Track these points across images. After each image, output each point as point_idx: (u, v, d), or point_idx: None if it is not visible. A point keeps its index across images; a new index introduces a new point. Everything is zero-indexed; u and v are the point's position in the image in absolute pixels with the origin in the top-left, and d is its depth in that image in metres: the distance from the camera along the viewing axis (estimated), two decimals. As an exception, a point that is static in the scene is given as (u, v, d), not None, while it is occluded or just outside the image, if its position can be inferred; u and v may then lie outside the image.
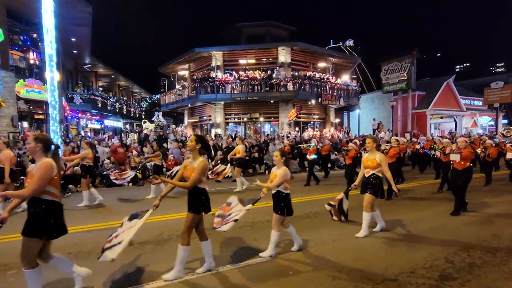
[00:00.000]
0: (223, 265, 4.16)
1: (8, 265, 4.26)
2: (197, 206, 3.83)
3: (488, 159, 10.16)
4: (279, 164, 4.53)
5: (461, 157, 6.57)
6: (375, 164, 5.25)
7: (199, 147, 3.91)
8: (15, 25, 15.60)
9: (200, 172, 3.76)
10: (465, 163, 6.55)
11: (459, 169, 6.61)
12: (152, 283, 3.69)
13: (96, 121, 27.72)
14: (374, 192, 5.25)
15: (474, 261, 4.21)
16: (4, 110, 13.39)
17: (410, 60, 22.23)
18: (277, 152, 4.62)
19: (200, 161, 3.82)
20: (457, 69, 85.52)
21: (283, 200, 4.44)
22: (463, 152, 6.60)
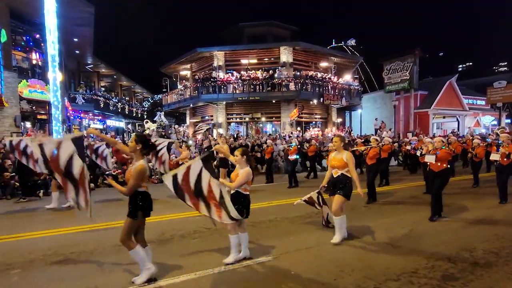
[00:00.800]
0: (225, 265, 4.16)
1: (11, 265, 4.28)
2: (134, 210, 3.59)
3: (476, 159, 9.81)
4: (241, 164, 4.31)
5: (437, 158, 6.16)
6: (342, 164, 4.93)
7: (139, 148, 3.63)
8: (17, 25, 15.67)
9: (136, 178, 3.50)
10: (442, 165, 6.14)
11: (435, 170, 6.23)
12: (154, 282, 3.70)
13: (99, 121, 27.79)
14: (344, 194, 4.92)
15: (477, 261, 4.20)
16: (7, 110, 13.44)
17: (413, 59, 22.15)
18: (238, 152, 4.39)
19: (137, 165, 3.55)
20: (460, 69, 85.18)
21: (242, 202, 4.19)
22: (440, 152, 6.22)
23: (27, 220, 6.81)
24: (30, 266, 4.25)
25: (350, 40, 39.69)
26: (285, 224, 6.22)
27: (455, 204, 7.51)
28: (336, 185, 5.00)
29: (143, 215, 3.66)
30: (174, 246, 5.02)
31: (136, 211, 3.59)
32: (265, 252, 4.59)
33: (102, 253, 4.72)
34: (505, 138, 7.59)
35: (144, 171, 3.58)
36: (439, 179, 6.19)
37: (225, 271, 3.99)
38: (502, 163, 7.38)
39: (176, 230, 5.69)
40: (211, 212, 3.80)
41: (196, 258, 4.38)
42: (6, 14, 14.07)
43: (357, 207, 7.49)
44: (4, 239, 5.42)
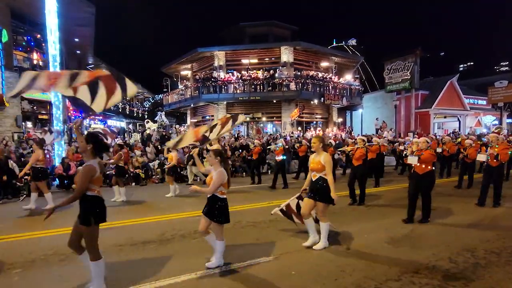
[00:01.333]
0: (225, 264, 4.16)
1: (12, 264, 4.29)
2: (85, 216, 3.30)
3: (467, 160, 9.38)
4: (215, 165, 4.08)
5: (420, 160, 5.80)
6: (320, 166, 4.65)
7: (90, 148, 3.39)
8: (19, 25, 15.70)
9: (84, 179, 3.24)
10: (427, 167, 5.81)
11: (420, 173, 5.88)
12: (154, 282, 3.70)
13: (99, 121, 27.82)
14: (324, 199, 4.65)
15: (478, 261, 4.19)
16: (8, 110, 13.47)
17: (414, 59, 22.12)
18: (211, 152, 4.14)
19: (84, 166, 3.34)
20: (461, 68, 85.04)
21: (219, 207, 4.00)
22: (424, 154, 5.81)
23: (28, 220, 6.82)
24: (31, 266, 4.25)
25: (351, 40, 39.79)
26: (285, 224, 6.20)
27: (455, 204, 7.50)
28: (315, 190, 4.73)
29: (96, 221, 3.34)
30: (174, 246, 5.02)
31: (88, 217, 3.28)
32: (266, 252, 4.59)
33: (103, 253, 4.67)
34: (494, 138, 7.31)
35: (91, 172, 3.31)
36: (425, 182, 5.90)
37: (226, 271, 3.99)
38: (491, 164, 7.10)
39: (177, 230, 5.69)
40: None
41: (197, 258, 4.37)
42: (7, 14, 14.10)
43: (358, 207, 7.49)
44: (4, 238, 5.43)
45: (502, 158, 6.88)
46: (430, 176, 5.90)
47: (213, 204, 4.02)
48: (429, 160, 5.83)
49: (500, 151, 6.93)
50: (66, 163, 10.60)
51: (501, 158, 6.88)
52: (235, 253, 4.60)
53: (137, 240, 5.24)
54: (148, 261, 4.39)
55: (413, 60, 22.12)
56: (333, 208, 7.20)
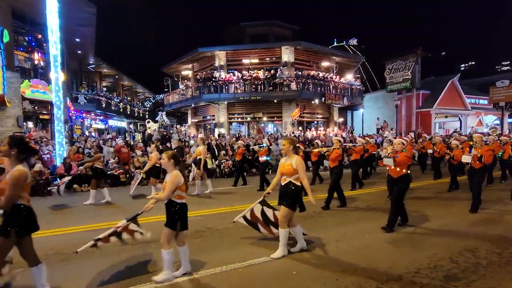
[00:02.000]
0: (227, 264, 4.16)
1: (13, 264, 4.28)
2: (5, 227, 3.04)
3: (453, 162, 8.86)
4: (169, 168, 3.83)
5: (395, 162, 5.46)
6: (291, 170, 4.35)
7: (14, 153, 3.07)
8: (20, 26, 15.71)
9: (11, 187, 2.95)
10: (401, 170, 5.46)
11: (394, 176, 5.56)
12: (157, 281, 3.70)
13: (100, 121, 27.85)
14: (289, 204, 4.35)
15: (480, 261, 4.18)
16: (9, 111, 13.48)
17: (415, 59, 22.08)
18: (165, 155, 3.90)
19: (13, 171, 3.00)
20: (462, 68, 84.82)
21: (174, 211, 3.77)
22: (399, 156, 5.47)
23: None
24: (32, 266, 4.25)
25: (352, 39, 39.78)
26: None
27: (457, 204, 7.49)
28: (283, 195, 4.45)
29: (17, 233, 3.06)
30: (176, 245, 5.01)
31: (8, 228, 3.02)
32: (267, 251, 4.59)
33: (104, 252, 4.72)
34: (478, 139, 6.90)
35: (20, 177, 3.00)
36: (398, 186, 5.51)
37: (227, 271, 3.99)
38: (474, 166, 6.72)
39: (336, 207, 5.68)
40: None
41: (198, 258, 4.38)
42: (8, 15, 14.11)
43: (359, 207, 7.49)
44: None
45: (486, 160, 6.53)
46: (404, 180, 5.52)
47: (169, 210, 3.81)
48: (404, 163, 5.47)
49: (484, 152, 6.57)
50: (67, 163, 10.62)
51: (485, 160, 6.51)
52: (236, 252, 4.60)
53: (138, 239, 5.23)
54: (149, 261, 4.40)
55: (414, 59, 22.08)
56: (334, 208, 7.24)
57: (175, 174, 3.76)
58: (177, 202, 3.80)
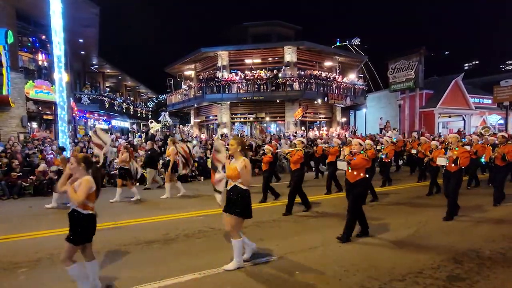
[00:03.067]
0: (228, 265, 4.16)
1: (18, 264, 4.33)
2: None
3: (433, 164, 8.14)
4: (79, 173, 3.38)
5: (350, 165, 4.97)
6: (236, 173, 3.96)
7: None
8: (24, 27, 15.81)
9: None
10: (358, 174, 4.97)
11: (351, 181, 5.06)
12: (159, 282, 3.72)
13: (104, 121, 27.95)
14: (235, 212, 3.97)
15: (483, 261, 4.16)
16: (14, 111, 13.57)
17: (418, 58, 21.99)
18: (73, 158, 3.44)
19: None
20: (466, 67, 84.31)
21: (81, 223, 3.32)
22: (356, 158, 4.97)
23: (34, 219, 6.88)
24: (36, 265, 4.29)
25: (355, 39, 39.64)
26: (289, 223, 6.22)
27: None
28: (230, 201, 4.05)
29: None
30: (178, 245, 5.04)
31: None
32: (270, 252, 4.59)
33: (108, 252, 4.75)
34: (454, 140, 6.39)
35: None
36: (355, 192, 5.01)
37: (229, 271, 4.00)
38: (449, 169, 6.25)
39: (181, 230, 5.71)
40: None
41: (201, 258, 4.39)
42: (13, 16, 14.21)
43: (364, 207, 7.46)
44: (11, 238, 5.48)
45: (462, 162, 5.98)
46: (362, 185, 5.08)
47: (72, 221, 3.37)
48: (361, 166, 4.98)
49: (460, 154, 6.04)
50: (71, 163, 10.66)
51: (461, 162, 5.98)
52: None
53: (141, 239, 5.27)
54: (152, 261, 4.41)
55: (418, 59, 21.99)
56: (337, 209, 7.23)
57: (87, 179, 3.31)
58: (84, 213, 3.33)
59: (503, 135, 7.65)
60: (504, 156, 7.10)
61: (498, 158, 7.23)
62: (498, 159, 7.24)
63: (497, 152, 7.25)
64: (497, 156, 7.26)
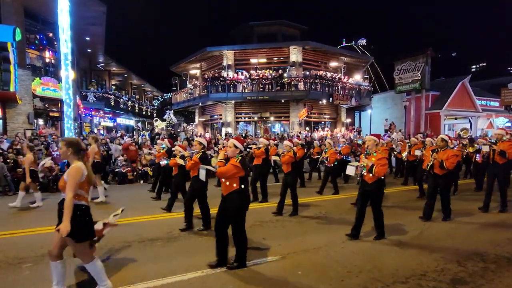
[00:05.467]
0: (232, 263, 4.17)
1: (23, 259, 4.37)
2: None
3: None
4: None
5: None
6: (63, 184, 3.12)
7: None
8: (32, 24, 15.96)
9: None
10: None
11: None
12: (161, 279, 3.73)
13: (109, 119, 28.14)
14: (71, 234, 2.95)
15: (488, 265, 4.12)
16: (20, 108, 13.72)
17: (424, 59, 21.82)
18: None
19: None
20: (473, 69, 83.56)
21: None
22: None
23: (39, 215, 6.94)
24: (41, 261, 4.33)
25: (361, 39, 39.40)
26: (292, 224, 6.21)
27: (463, 207, 7.38)
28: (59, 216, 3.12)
29: None
30: (181, 243, 5.06)
31: None
32: (272, 251, 4.59)
33: (112, 249, 4.78)
34: (371, 143, 5.23)
35: None
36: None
37: (232, 270, 4.00)
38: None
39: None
40: None
41: (203, 256, 4.40)
42: (21, 13, 14.35)
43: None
44: (16, 233, 5.54)
45: (377, 171, 4.87)
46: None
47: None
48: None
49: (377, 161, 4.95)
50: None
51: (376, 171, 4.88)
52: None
53: (145, 237, 5.30)
54: (155, 258, 4.43)
55: (424, 60, 21.82)
56: (340, 209, 7.20)
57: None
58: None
59: (442, 137, 6.29)
60: (442, 163, 5.93)
61: (436, 165, 6.07)
62: (436, 167, 6.07)
63: (434, 159, 6.10)
64: (435, 164, 6.09)
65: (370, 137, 5.32)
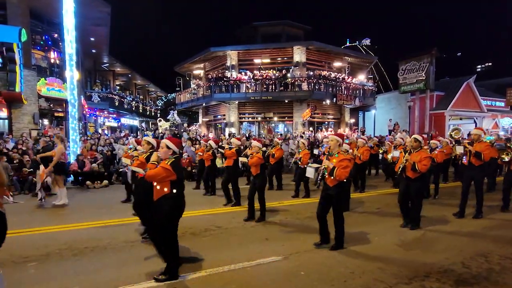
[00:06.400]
0: (235, 263, 4.18)
1: (28, 257, 4.41)
2: None
3: None
4: None
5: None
6: None
7: None
8: (37, 25, 16.09)
9: None
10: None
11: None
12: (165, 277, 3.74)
13: (113, 119, 28.30)
14: None
15: (492, 266, 4.09)
16: (26, 108, 13.85)
17: (429, 59, 21.69)
18: None
19: None
20: (478, 69, 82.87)
21: None
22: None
23: (44, 214, 7.00)
24: (46, 260, 4.37)
25: (365, 39, 39.21)
26: (296, 224, 6.20)
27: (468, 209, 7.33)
28: None
29: None
30: (185, 243, 5.06)
31: None
32: (275, 252, 4.59)
33: (115, 248, 4.81)
34: (333, 143, 4.83)
35: None
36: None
37: (235, 270, 4.01)
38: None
39: (187, 228, 5.73)
40: None
41: (206, 256, 4.41)
42: (26, 14, 14.48)
43: (368, 209, 7.41)
44: (21, 232, 5.59)
45: (338, 174, 4.48)
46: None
47: None
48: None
49: (338, 163, 4.55)
50: (80, 160, 10.83)
51: (337, 174, 4.49)
52: (244, 252, 4.62)
53: (148, 237, 5.31)
54: (158, 258, 4.44)
55: (429, 60, 21.69)
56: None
57: None
58: None
59: (416, 137, 5.78)
60: (414, 165, 5.42)
61: (408, 168, 5.57)
62: (409, 170, 5.56)
63: (406, 160, 5.60)
64: (407, 166, 5.58)
65: (333, 137, 4.89)
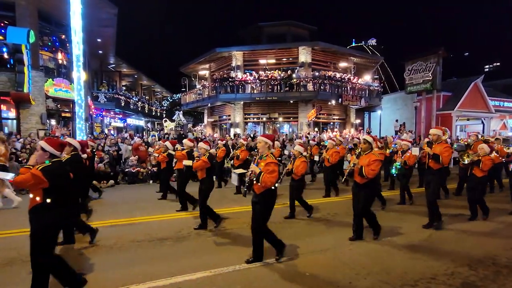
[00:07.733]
0: (240, 263, 4.19)
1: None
2: None
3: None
4: None
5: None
6: None
7: None
8: (45, 26, 16.27)
9: None
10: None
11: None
12: (170, 278, 3.77)
13: (119, 119, 28.50)
14: None
15: (500, 269, 4.05)
16: (34, 108, 14.02)
17: (436, 59, 21.50)
18: None
19: None
20: (486, 69, 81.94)
21: None
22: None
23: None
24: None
25: (371, 39, 39.15)
26: (301, 225, 6.20)
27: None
28: None
29: None
30: (190, 243, 5.10)
31: None
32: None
33: (121, 248, 4.85)
34: (261, 146, 4.32)
35: None
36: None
37: (240, 270, 4.02)
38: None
39: (193, 228, 5.77)
40: None
41: (212, 256, 4.43)
42: (35, 16, 14.66)
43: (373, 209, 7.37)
44: (27, 231, 5.65)
45: (264, 180, 3.98)
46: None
47: None
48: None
49: (264, 167, 4.06)
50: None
51: (263, 180, 3.99)
52: (249, 252, 4.62)
53: (154, 236, 5.36)
54: (164, 257, 4.48)
55: (435, 60, 21.50)
56: (350, 212, 7.13)
57: None
58: None
59: (365, 139, 5.15)
60: (361, 170, 4.89)
61: (356, 172, 5.07)
62: (356, 174, 5.07)
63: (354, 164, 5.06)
64: (355, 170, 5.08)
65: (261, 138, 4.34)
